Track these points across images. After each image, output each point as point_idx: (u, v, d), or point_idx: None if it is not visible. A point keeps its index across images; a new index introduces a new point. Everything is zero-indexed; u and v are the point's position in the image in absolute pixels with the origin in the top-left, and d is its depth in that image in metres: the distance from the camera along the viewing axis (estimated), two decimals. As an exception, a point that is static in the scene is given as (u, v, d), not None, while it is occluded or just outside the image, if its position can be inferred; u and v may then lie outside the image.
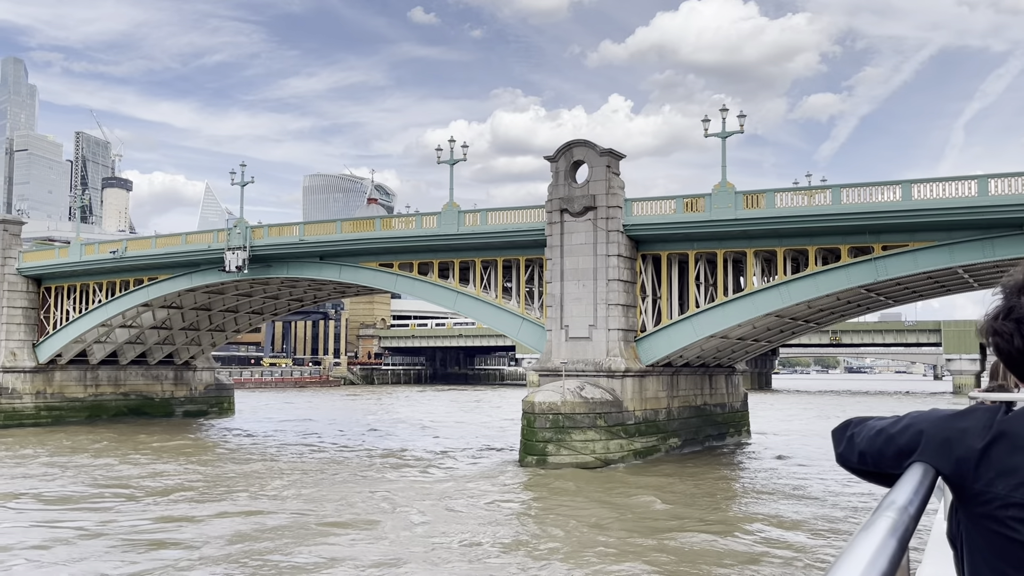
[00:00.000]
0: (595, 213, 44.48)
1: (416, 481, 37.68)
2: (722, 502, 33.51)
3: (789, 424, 70.91)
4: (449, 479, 37.91)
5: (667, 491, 34.94)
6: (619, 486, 36.47)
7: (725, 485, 37.88)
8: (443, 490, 34.73)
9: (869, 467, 2.23)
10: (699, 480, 38.44)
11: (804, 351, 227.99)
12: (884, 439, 2.18)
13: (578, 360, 44.41)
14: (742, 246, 43.82)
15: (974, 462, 1.95)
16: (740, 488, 37.45)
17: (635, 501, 32.58)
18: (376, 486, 36.06)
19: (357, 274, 53.84)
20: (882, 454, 2.17)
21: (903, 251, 39.69)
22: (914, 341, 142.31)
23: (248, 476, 38.79)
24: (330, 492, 34.57)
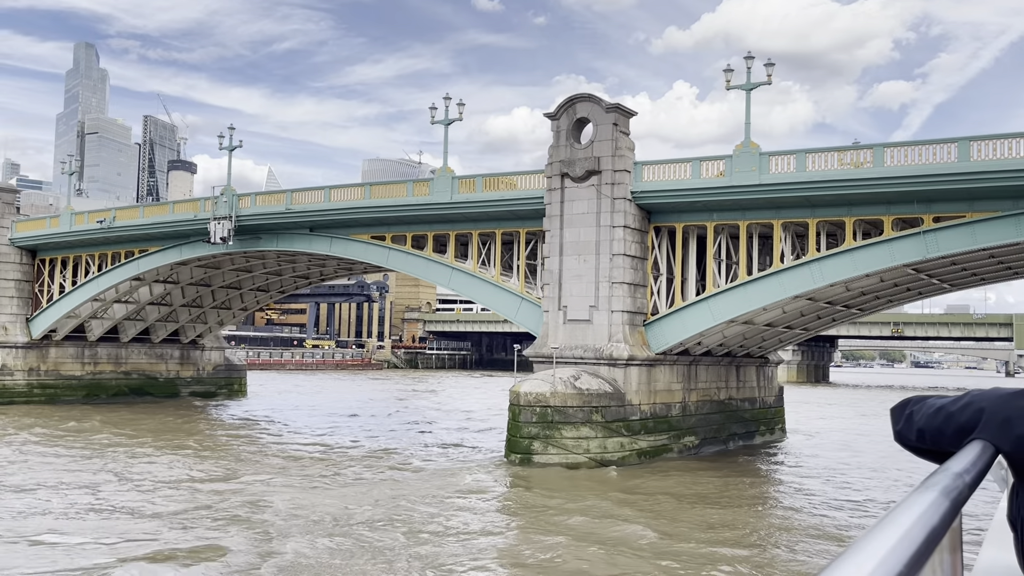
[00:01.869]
0: (599, 178, 38.91)
1: (378, 481, 32.87)
2: (720, 528, 27.88)
3: (831, 422, 64.27)
4: (416, 478, 33.02)
5: (655, 508, 29.43)
6: (605, 495, 31.09)
7: (734, 498, 32.19)
8: (399, 492, 29.84)
9: (927, 445, 2.22)
10: (703, 491, 32.81)
11: (866, 343, 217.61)
12: (944, 417, 2.16)
13: (576, 346, 39.02)
14: (768, 217, 37.79)
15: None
16: (752, 502, 31.72)
17: (612, 522, 27.16)
18: (330, 484, 31.40)
19: (348, 247, 49.23)
20: (941, 432, 2.16)
21: (959, 223, 33.28)
22: (983, 335, 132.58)
23: (215, 463, 34.52)
24: (277, 490, 30.06)
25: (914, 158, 33.36)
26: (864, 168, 34.17)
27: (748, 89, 37.62)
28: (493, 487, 31.39)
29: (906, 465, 40.21)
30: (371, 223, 47.95)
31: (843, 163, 34.95)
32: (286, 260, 58.80)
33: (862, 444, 49.58)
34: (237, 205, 51.01)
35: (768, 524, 28.43)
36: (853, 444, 49.81)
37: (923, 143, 33.38)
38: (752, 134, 37.60)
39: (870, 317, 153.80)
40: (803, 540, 25.99)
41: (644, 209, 39.68)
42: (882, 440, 51.07)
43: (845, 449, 47.61)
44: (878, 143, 34.03)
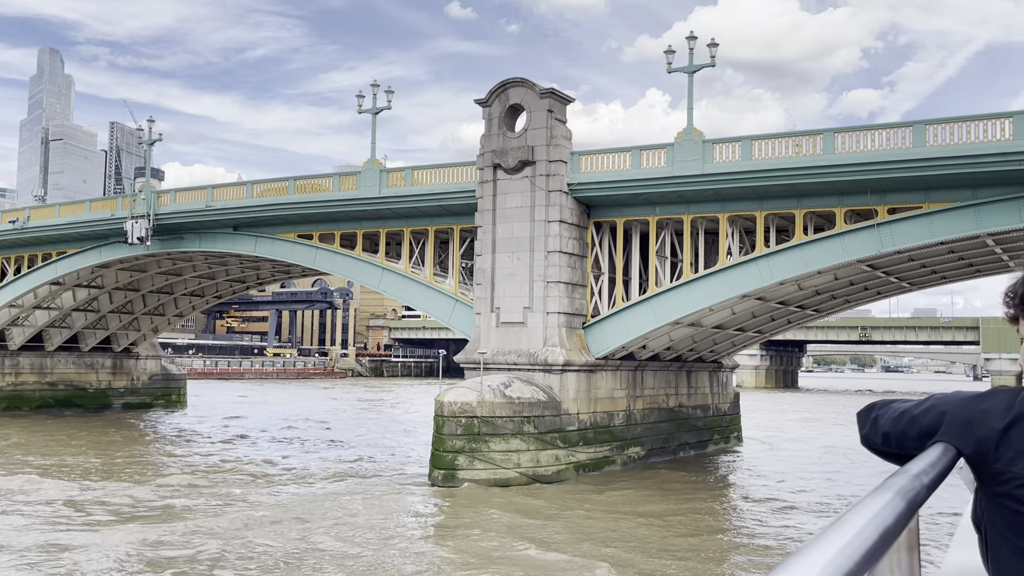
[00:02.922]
0: (533, 169, 36.02)
1: (270, 504, 29.61)
2: (657, 552, 24.97)
3: (793, 430, 61.77)
4: (314, 499, 29.77)
5: (587, 530, 26.48)
6: (532, 515, 28.09)
7: (676, 514, 29.30)
8: (289, 517, 26.60)
9: (892, 448, 2.24)
10: (644, 508, 29.91)
11: (835, 348, 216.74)
12: (907, 421, 2.20)
13: (509, 350, 36.04)
14: (714, 210, 35.09)
15: (994, 442, 1.97)
16: (695, 517, 28.86)
17: (534, 549, 24.16)
18: (227, 504, 28.11)
19: (273, 247, 45.94)
20: (905, 435, 2.20)
21: (915, 215, 30.75)
22: (950, 339, 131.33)
23: (119, 479, 31.06)
24: (175, 511, 26.75)
25: (866, 144, 30.82)
26: (813, 156, 31.57)
27: (690, 72, 34.93)
28: (406, 509, 28.26)
29: (866, 475, 37.63)
30: (297, 221, 44.73)
31: (799, 150, 32.32)
32: (216, 262, 55.34)
33: (822, 453, 47.03)
34: (156, 203, 47.58)
35: (710, 543, 25.62)
36: (813, 453, 47.26)
37: (876, 127, 30.84)
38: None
39: (838, 321, 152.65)
40: (745, 560, 23.20)
41: (583, 203, 36.85)
42: (843, 449, 48.57)
43: (803, 458, 45.00)
44: (828, 128, 31.46)
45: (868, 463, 41.90)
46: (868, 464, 41.59)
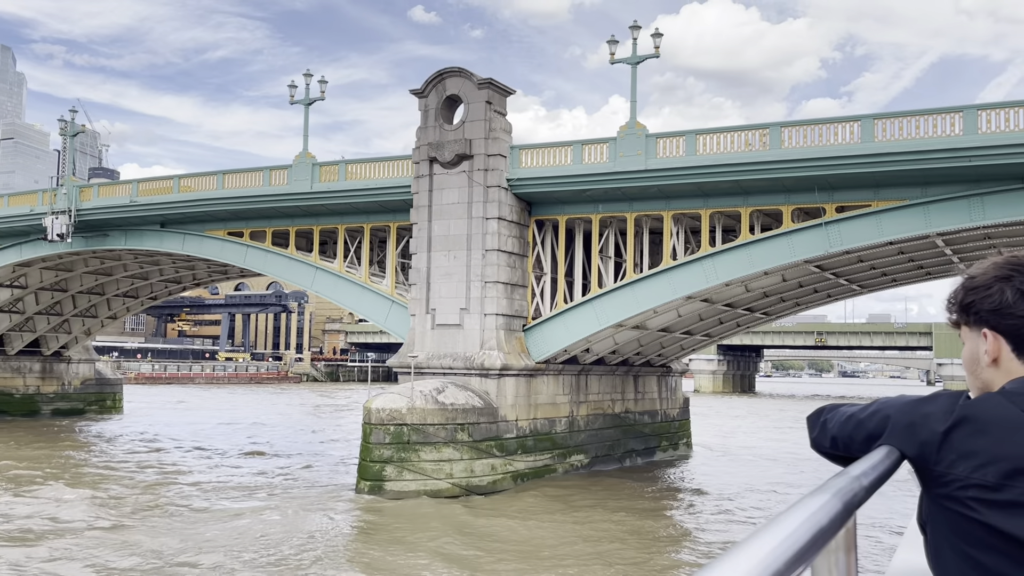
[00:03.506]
0: (471, 163, 34.29)
1: (177, 517, 27.44)
2: (593, 564, 23.33)
3: (746, 435, 60.67)
4: (232, 512, 27.66)
5: (518, 545, 24.76)
6: (460, 529, 26.32)
7: (616, 523, 27.69)
8: (197, 529, 24.51)
9: (840, 451, 2.29)
10: (582, 517, 28.27)
11: (792, 353, 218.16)
12: (854, 424, 2.26)
13: (445, 354, 34.24)
14: (658, 208, 33.65)
15: (936, 445, 2.00)
16: (634, 527, 27.27)
17: (456, 569, 22.38)
18: (118, 520, 25.89)
19: (202, 245, 43.65)
20: (852, 439, 2.25)
21: (863, 213, 29.55)
22: (904, 344, 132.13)
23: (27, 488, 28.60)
24: (71, 527, 24.49)
25: (814, 139, 29.58)
26: (759, 151, 30.26)
27: (633, 63, 33.49)
28: (321, 524, 26.26)
29: (814, 482, 36.47)
30: (227, 217, 42.50)
31: (750, 145, 30.96)
32: (147, 261, 52.78)
33: (773, 459, 45.85)
34: (78, 198, 45.01)
35: (648, 552, 24.07)
36: (763, 460, 46.05)
37: (823, 121, 29.61)
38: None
39: (794, 326, 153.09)
40: (685, 570, 21.69)
41: (523, 200, 35.21)
42: (794, 455, 47.47)
43: (753, 465, 43.76)
44: (774, 122, 30.16)
45: (817, 470, 40.79)
46: (817, 471, 40.47)
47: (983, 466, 1.92)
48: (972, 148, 26.68)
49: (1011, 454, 1.91)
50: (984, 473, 1.92)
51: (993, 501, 1.90)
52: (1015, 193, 27.41)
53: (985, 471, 1.92)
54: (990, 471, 1.91)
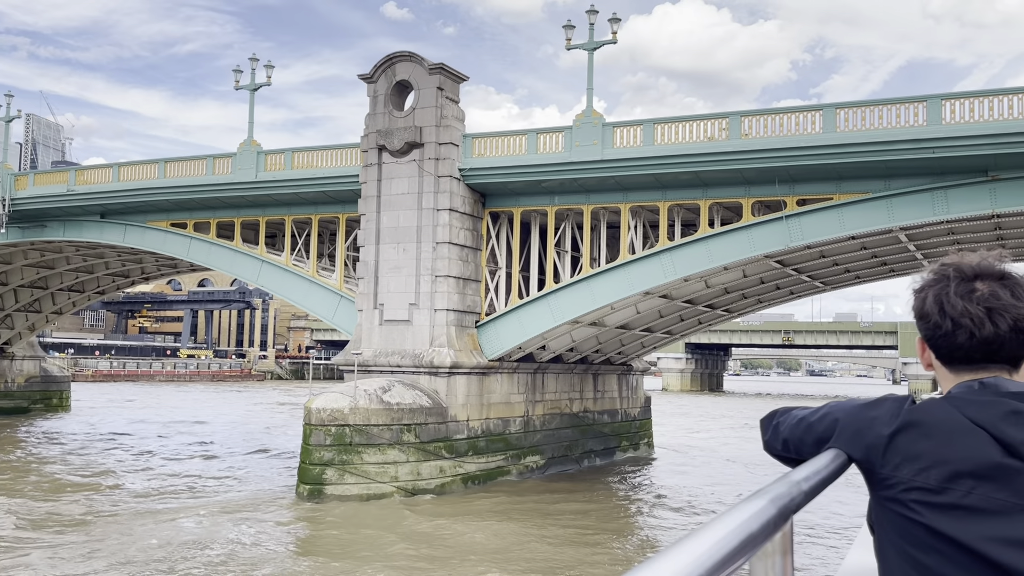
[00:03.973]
0: (421, 152, 32.83)
1: (112, 526, 25.75)
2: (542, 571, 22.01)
3: (710, 435, 59.69)
4: (160, 519, 25.99)
5: (463, 551, 23.38)
6: (405, 536, 24.90)
7: (568, 528, 26.38)
8: (119, 537, 22.84)
9: (792, 454, 2.34)
10: (533, 523, 26.95)
11: (760, 352, 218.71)
12: (804, 427, 2.30)
13: (393, 351, 32.77)
14: (615, 200, 32.42)
15: (882, 449, 2.03)
16: (586, 533, 25.98)
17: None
18: (32, 526, 24.15)
19: (144, 236, 41.75)
20: (803, 441, 2.29)
21: (825, 206, 28.51)
22: (870, 343, 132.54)
23: None
24: None
25: (775, 129, 28.49)
26: (719, 142, 29.12)
27: (590, 49, 32.21)
28: (251, 531, 24.68)
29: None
30: (170, 208, 40.66)
31: (710, 136, 29.77)
32: (90, 254, 50.68)
33: (734, 460, 44.87)
34: (12, 187, 42.89)
35: (600, 555, 22.83)
36: (724, 460, 45.05)
37: (784, 111, 28.54)
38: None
39: (761, 325, 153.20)
40: None
41: (476, 191, 33.82)
42: (755, 456, 46.58)
43: (713, 466, 42.73)
44: (734, 111, 29.02)
45: (777, 471, 39.82)
46: (776, 471, 39.46)
47: (926, 469, 1.97)
48: (936, 139, 25.71)
49: (953, 458, 1.95)
50: (927, 476, 1.96)
51: (935, 504, 1.94)
52: (978, 187, 26.50)
53: (928, 474, 1.96)
54: (932, 474, 1.95)
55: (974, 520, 1.88)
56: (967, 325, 2.05)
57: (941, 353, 2.12)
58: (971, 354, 2.07)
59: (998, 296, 2.04)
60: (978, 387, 2.03)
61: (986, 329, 2.03)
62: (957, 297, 2.06)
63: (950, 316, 2.06)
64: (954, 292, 2.07)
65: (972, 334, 2.05)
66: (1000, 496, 1.87)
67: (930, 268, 2.15)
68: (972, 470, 1.91)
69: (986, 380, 2.05)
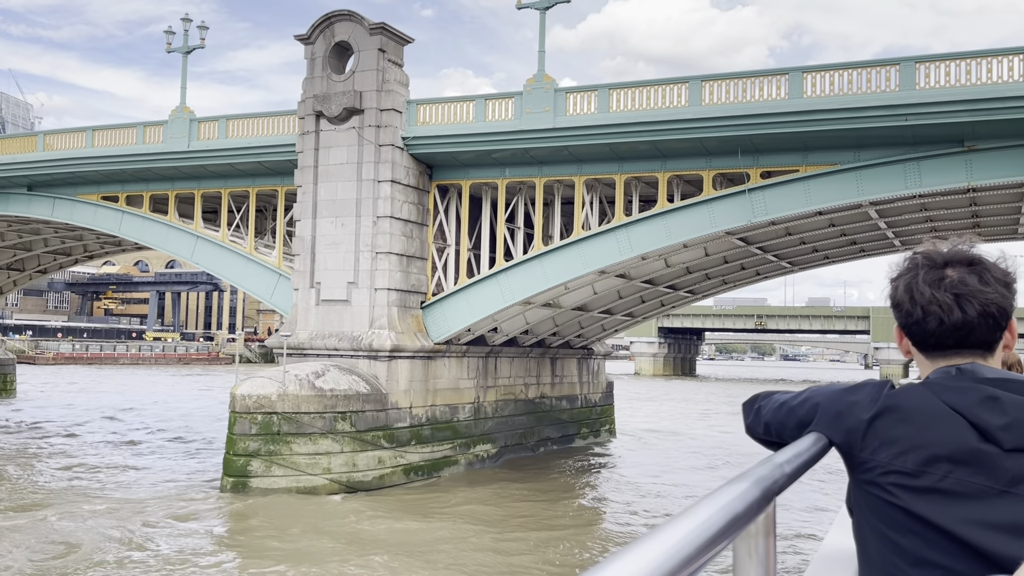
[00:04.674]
0: (361, 119, 30.49)
1: (16, 521, 23.43)
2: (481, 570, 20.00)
3: (676, 420, 57.94)
4: (58, 514, 23.70)
5: (399, 549, 21.32)
6: (321, 537, 22.79)
7: (514, 518, 24.37)
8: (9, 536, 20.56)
9: (773, 437, 2.34)
10: (477, 516, 24.91)
11: (733, 336, 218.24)
12: (786, 411, 2.30)
13: (330, 333, 30.54)
14: (569, 172, 30.29)
15: (861, 433, 2.05)
16: (534, 529, 23.99)
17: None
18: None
19: (74, 211, 39.13)
20: (784, 425, 2.29)
21: (790, 179, 26.54)
22: (843, 328, 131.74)
23: None
24: None
25: (738, 95, 26.41)
26: (678, 108, 27.02)
27: (542, 8, 29.99)
28: (162, 528, 22.47)
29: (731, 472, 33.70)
30: (100, 180, 38.05)
31: (669, 102, 27.62)
32: (25, 231, 47.84)
33: (699, 447, 43.13)
34: (-70, 156, 40.01)
35: (548, 551, 20.88)
36: (689, 448, 43.29)
37: (748, 75, 26.45)
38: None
39: (734, 309, 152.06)
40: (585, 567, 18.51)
41: (422, 162, 31.55)
42: (721, 442, 44.89)
43: (677, 454, 40.93)
44: (695, 75, 26.90)
45: (739, 455, 38.16)
46: (739, 456, 37.84)
47: (903, 453, 1.99)
48: (909, 105, 23.76)
49: (930, 442, 1.97)
50: (904, 460, 1.98)
51: (912, 487, 1.96)
52: (954, 158, 24.62)
53: (905, 458, 1.98)
54: (910, 458, 1.98)
55: (951, 503, 1.92)
56: (936, 312, 2.08)
57: (915, 340, 2.16)
58: (943, 340, 2.11)
59: (966, 282, 2.07)
60: (955, 373, 2.06)
61: (955, 315, 2.07)
62: (926, 285, 2.10)
63: (920, 304, 2.10)
64: (923, 280, 2.10)
65: (942, 320, 2.08)
66: (976, 480, 1.91)
67: (904, 256, 2.19)
68: (949, 454, 1.94)
69: (963, 366, 2.07)
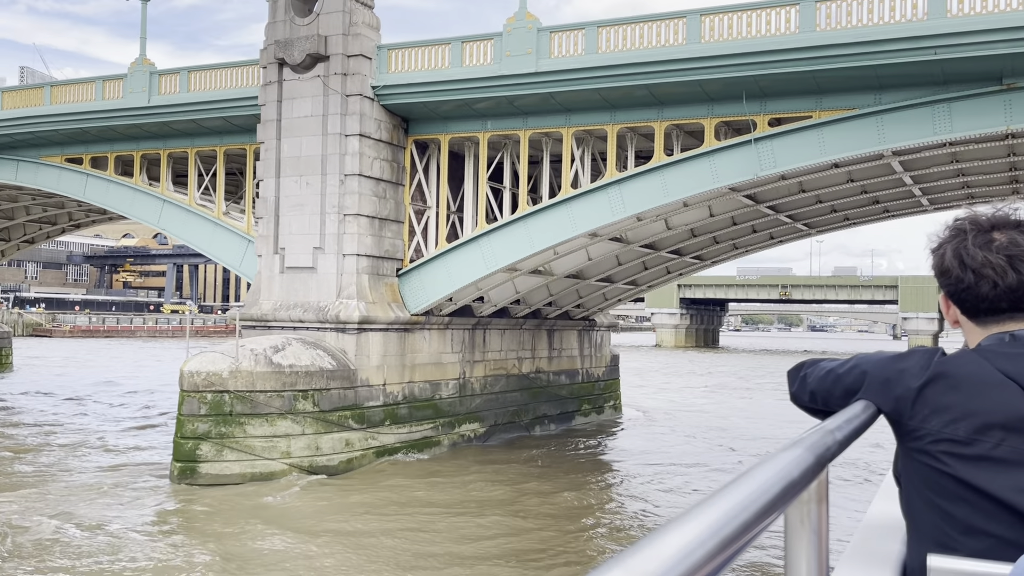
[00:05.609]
0: (326, 66, 27.59)
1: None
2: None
3: (690, 394, 54.93)
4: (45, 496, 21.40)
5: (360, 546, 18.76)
6: (275, 531, 20.29)
7: (492, 511, 21.73)
8: None
9: (819, 405, 2.32)
10: (453, 504, 22.29)
11: (759, 307, 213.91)
12: (832, 379, 2.29)
13: (295, 304, 27.91)
14: (557, 124, 27.24)
15: (911, 400, 2.03)
16: (517, 521, 21.31)
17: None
18: None
19: (38, 174, 36.73)
20: (831, 393, 2.28)
21: (802, 126, 23.35)
22: (870, 298, 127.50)
23: None
24: None
25: (742, 30, 23.17)
26: (675, 47, 23.83)
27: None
28: (106, 520, 20.05)
29: (741, 457, 30.86)
30: (63, 140, 35.58)
31: (664, 40, 24.44)
32: (1, 197, 45.64)
33: (711, 425, 40.21)
34: None
35: (531, 546, 18.25)
36: (700, 426, 40.35)
37: (754, 7, 23.10)
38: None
39: (758, 280, 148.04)
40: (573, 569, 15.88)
41: (396, 115, 28.65)
42: (736, 421, 42.01)
43: (685, 433, 38.02)
44: (693, 9, 23.66)
45: (753, 440, 35.27)
46: (752, 437, 34.95)
47: (955, 421, 1.96)
48: (938, 36, 20.44)
49: (982, 409, 1.94)
50: (955, 428, 1.96)
51: (963, 455, 1.94)
52: (990, 98, 21.29)
53: (956, 426, 1.96)
54: (961, 426, 1.95)
55: (1003, 471, 1.89)
56: (989, 275, 2.06)
57: (966, 307, 2.13)
58: (996, 304, 2.09)
59: (1017, 243, 2.05)
60: (1009, 339, 2.05)
61: (1009, 277, 2.06)
62: (976, 248, 2.07)
63: (971, 268, 2.08)
64: (972, 244, 2.08)
65: (995, 283, 2.06)
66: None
67: (945, 225, 2.15)
68: (1002, 422, 1.92)
69: (1017, 332, 2.06)
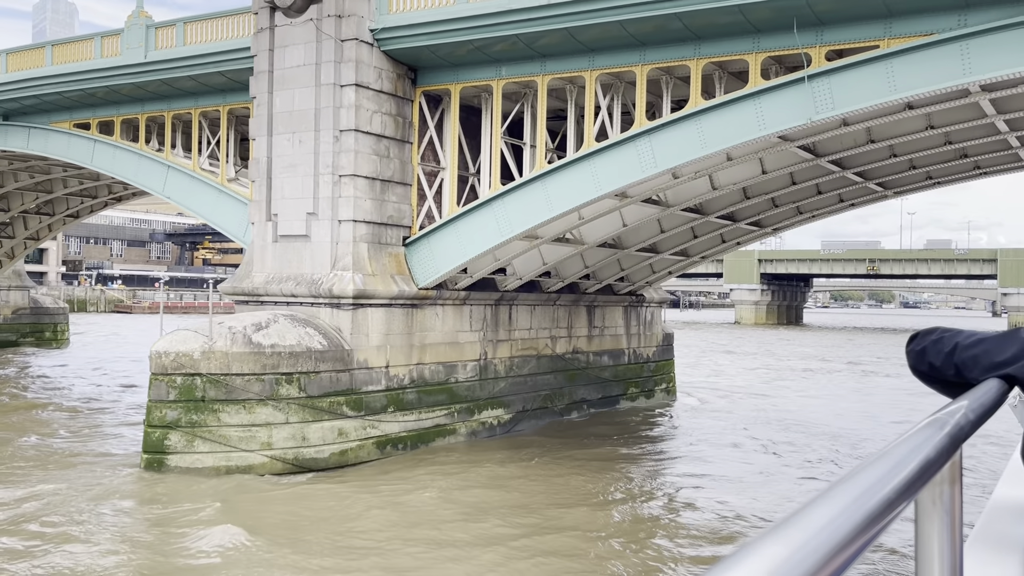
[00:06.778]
0: (319, 9, 24.47)
1: None
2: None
3: (761, 376, 50.37)
4: None
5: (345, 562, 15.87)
6: (248, 536, 17.50)
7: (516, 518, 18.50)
8: None
9: (950, 376, 2.24)
10: (464, 508, 19.15)
11: (846, 283, 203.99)
12: (983, 348, 2.21)
13: (288, 276, 25.08)
14: (580, 67, 23.46)
15: None
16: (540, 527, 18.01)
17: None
18: None
19: (48, 141, 34.90)
20: (976, 361, 2.19)
21: (867, 58, 19.07)
22: (966, 272, 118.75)
23: None
24: None
25: (792, -58, 18.96)
26: (710, -34, 19.77)
27: None
28: (63, 518, 17.64)
29: (803, 462, 26.81)
30: (70, 104, 33.60)
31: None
32: (35, 170, 44.43)
33: (773, 416, 36.00)
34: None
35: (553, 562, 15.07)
36: (763, 414, 36.15)
37: (805, -90, 18.91)
38: None
39: (844, 254, 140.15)
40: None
41: (401, 63, 25.37)
42: (804, 412, 37.66)
43: (749, 419, 33.95)
44: (731, -83, 19.52)
45: (829, 433, 31.04)
46: (827, 434, 30.71)
47: None
48: (1045, -71, 15.95)
49: None
50: None
51: None
52: (1115, 12, 16.67)
53: None
54: None
55: None
56: None
57: None
58: None
59: None
60: None
61: None
62: None
63: None
64: None
65: None
66: None
67: None
68: None
69: None
